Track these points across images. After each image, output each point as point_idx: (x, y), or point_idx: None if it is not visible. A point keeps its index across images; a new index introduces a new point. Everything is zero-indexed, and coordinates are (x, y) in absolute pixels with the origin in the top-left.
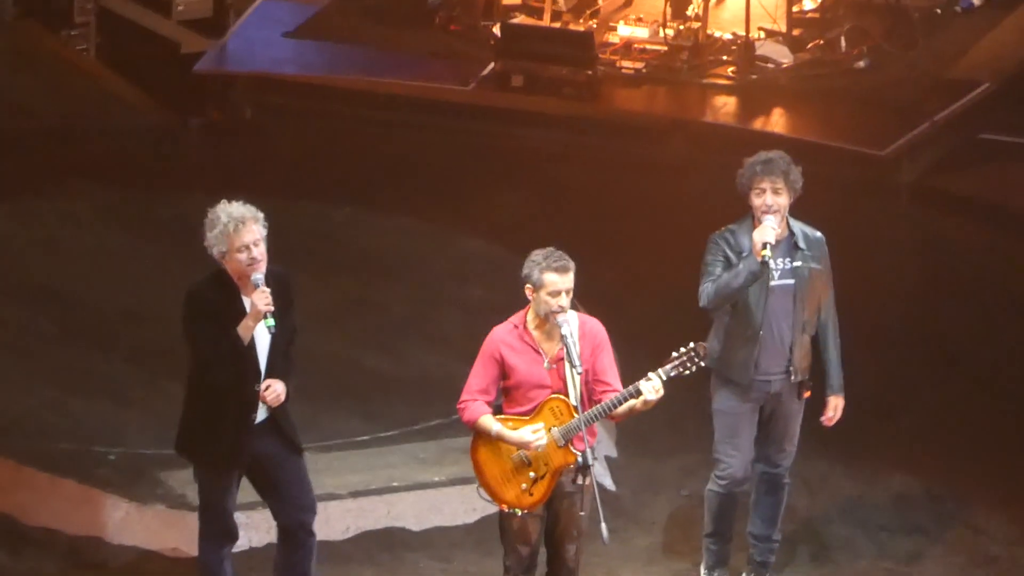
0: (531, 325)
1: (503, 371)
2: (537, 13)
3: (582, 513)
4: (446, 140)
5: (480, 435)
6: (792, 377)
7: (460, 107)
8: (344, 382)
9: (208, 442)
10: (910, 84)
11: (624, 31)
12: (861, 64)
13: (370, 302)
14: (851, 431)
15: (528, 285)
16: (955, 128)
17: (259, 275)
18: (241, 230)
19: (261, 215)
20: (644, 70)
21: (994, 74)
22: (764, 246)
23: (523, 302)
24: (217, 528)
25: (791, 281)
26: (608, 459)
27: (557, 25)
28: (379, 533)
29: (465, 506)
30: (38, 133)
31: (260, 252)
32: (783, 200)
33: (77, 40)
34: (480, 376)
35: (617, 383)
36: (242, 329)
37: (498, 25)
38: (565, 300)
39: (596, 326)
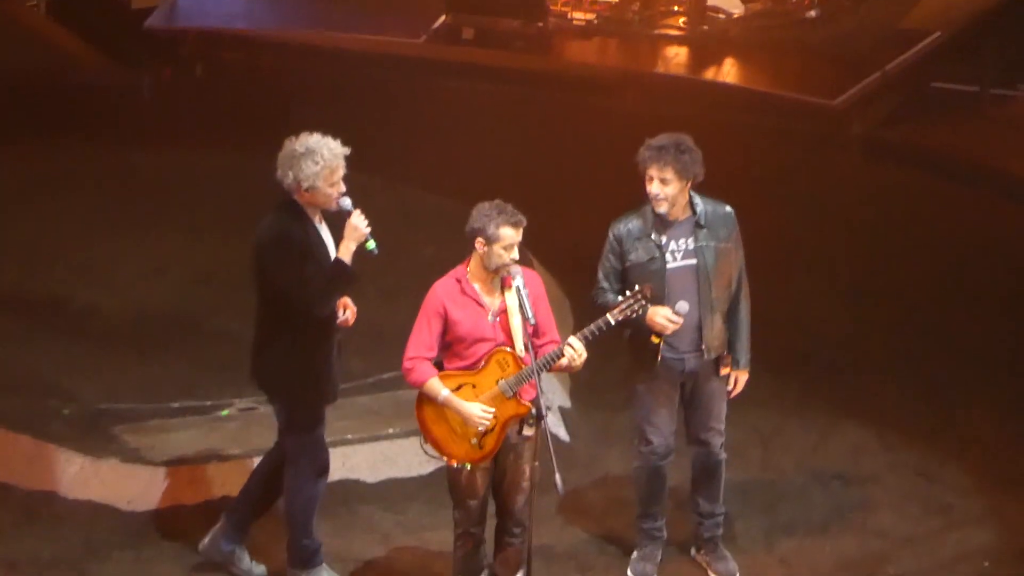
0: (473, 278)
1: (446, 326)
2: None
3: (536, 464)
4: (397, 94)
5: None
6: (706, 355)
7: (411, 60)
8: None
9: (312, 376)
10: (861, 34)
11: None
12: (812, 14)
13: None
14: (806, 383)
15: (480, 239)
16: (906, 78)
17: (347, 199)
18: (341, 165)
19: None
20: (595, 21)
21: (945, 23)
22: (656, 335)
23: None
24: (322, 461)
25: (692, 261)
26: (562, 409)
27: None
28: (334, 485)
29: (419, 458)
30: None
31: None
32: (670, 190)
33: None
34: (424, 333)
35: (555, 333)
36: (345, 253)
37: None
38: (516, 253)
39: (535, 277)
